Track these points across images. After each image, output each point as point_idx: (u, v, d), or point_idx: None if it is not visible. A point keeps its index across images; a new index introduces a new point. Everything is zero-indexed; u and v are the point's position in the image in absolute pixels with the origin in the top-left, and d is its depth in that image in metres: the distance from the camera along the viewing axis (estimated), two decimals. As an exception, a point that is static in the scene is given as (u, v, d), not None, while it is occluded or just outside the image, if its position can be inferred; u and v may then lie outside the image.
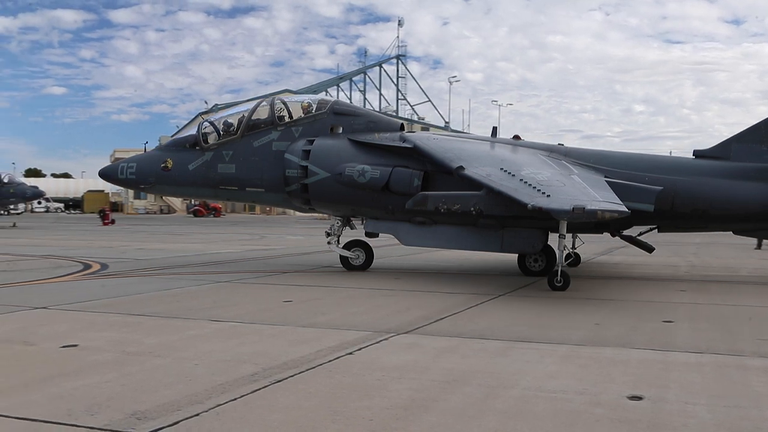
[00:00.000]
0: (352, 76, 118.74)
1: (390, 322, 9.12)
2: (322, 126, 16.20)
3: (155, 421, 4.88)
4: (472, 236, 15.05)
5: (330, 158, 15.53)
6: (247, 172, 16.18)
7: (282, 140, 16.08)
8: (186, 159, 16.46)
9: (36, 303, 10.61)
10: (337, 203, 15.85)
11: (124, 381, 5.99)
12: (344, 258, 16.35)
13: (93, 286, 13.20)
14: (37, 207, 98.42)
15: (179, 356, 7.00)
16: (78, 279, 14.48)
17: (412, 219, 15.19)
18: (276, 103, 16.70)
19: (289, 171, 15.75)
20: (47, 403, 5.32)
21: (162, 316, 9.57)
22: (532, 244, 14.92)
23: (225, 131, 16.53)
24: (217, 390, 5.67)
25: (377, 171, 15.07)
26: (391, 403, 5.37)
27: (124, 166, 17.05)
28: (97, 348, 7.37)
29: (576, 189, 12.41)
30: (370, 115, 16.95)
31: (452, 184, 14.31)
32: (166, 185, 17.01)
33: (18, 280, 14.04)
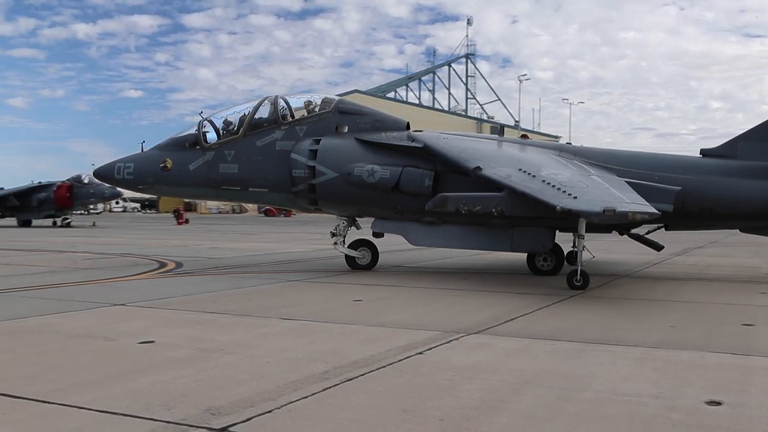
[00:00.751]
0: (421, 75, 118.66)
1: (460, 322, 9.09)
2: (327, 125, 15.98)
3: (229, 417, 4.96)
4: (482, 236, 15.00)
5: (338, 158, 15.36)
6: (250, 171, 15.94)
7: (286, 139, 15.88)
8: (186, 159, 16.19)
9: (115, 300, 10.92)
10: (345, 204, 15.71)
11: (199, 377, 6.11)
12: (350, 258, 16.18)
13: (168, 284, 13.52)
14: (115, 207, 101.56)
15: (252, 354, 7.11)
16: (154, 277, 14.86)
17: (420, 219, 15.10)
18: (278, 101, 16.39)
19: (295, 171, 15.53)
20: (126, 397, 5.46)
21: (235, 314, 9.74)
22: (542, 244, 14.91)
23: (226, 130, 16.28)
24: (289, 387, 5.74)
25: (387, 171, 14.91)
26: (461, 404, 5.35)
27: (120, 166, 16.60)
28: (173, 344, 7.55)
29: (599, 190, 12.27)
30: (375, 114, 16.60)
31: (463, 184, 14.16)
32: (166, 185, 16.67)
33: (98, 277, 14.49)
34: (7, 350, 7.25)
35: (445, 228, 15.05)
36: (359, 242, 16.44)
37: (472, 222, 14.55)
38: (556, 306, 10.84)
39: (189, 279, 14.41)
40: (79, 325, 8.82)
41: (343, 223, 16.18)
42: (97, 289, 12.57)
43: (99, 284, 13.43)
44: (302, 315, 9.64)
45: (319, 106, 16.30)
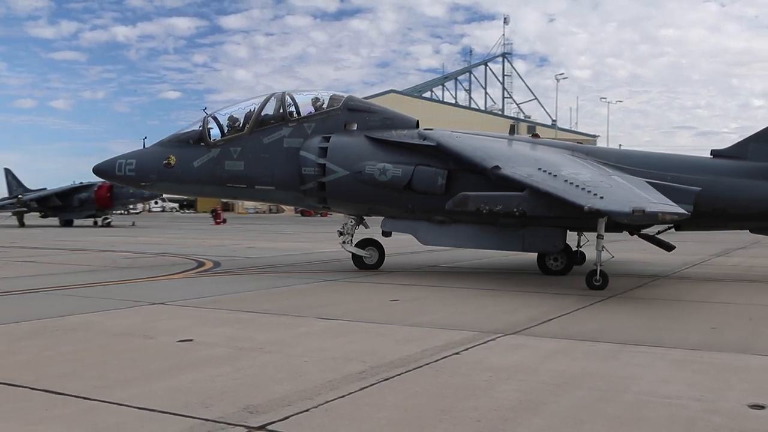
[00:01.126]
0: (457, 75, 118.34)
1: (497, 323, 9.04)
2: (335, 122, 15.77)
3: (267, 415, 4.99)
4: (494, 236, 14.94)
5: (348, 156, 15.19)
6: (257, 169, 15.73)
7: (294, 137, 15.68)
8: (190, 155, 15.94)
9: (155, 299, 11.05)
10: (355, 202, 15.56)
11: (237, 375, 6.16)
12: (358, 257, 16.07)
13: (207, 283, 13.66)
14: (154, 207, 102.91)
15: (289, 353, 7.14)
16: (193, 276, 15.01)
17: (431, 218, 15.02)
18: (285, 98, 16.14)
19: (305, 169, 15.32)
20: (165, 394, 5.53)
21: (272, 313, 9.80)
22: (553, 243, 14.86)
23: (231, 127, 16.07)
24: (326, 387, 5.76)
25: (399, 169, 14.77)
26: (498, 404, 5.32)
27: (122, 163, 16.30)
28: (211, 343, 7.62)
29: (624, 190, 12.17)
30: (385, 112, 16.37)
31: (476, 183, 14.04)
32: (169, 182, 16.46)
33: (138, 276, 14.69)
34: (50, 347, 7.39)
35: (455, 227, 14.97)
36: (366, 241, 16.35)
37: (484, 221, 14.47)
38: (593, 307, 10.74)
39: (227, 278, 14.53)
40: (120, 323, 8.94)
41: (351, 222, 16.04)
42: (137, 288, 12.74)
43: (139, 283, 13.61)
44: (339, 314, 9.67)
45: (327, 103, 16.09)
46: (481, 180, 13.97)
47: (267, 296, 11.70)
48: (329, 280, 14.22)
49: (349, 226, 15.99)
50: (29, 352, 7.13)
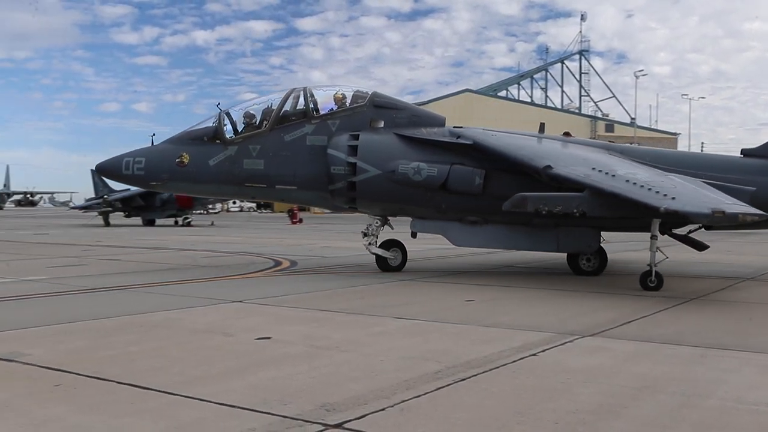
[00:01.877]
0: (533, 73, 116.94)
1: (575, 324, 8.90)
2: (361, 119, 15.22)
3: (343, 414, 5.03)
4: (528, 236, 14.67)
5: (380, 154, 14.69)
6: (278, 168, 15.08)
7: (317, 134, 15.09)
8: (206, 153, 15.20)
9: (234, 297, 11.28)
10: (386, 202, 15.06)
11: (314, 374, 6.23)
12: (382, 259, 15.59)
13: (284, 282, 13.84)
14: (232, 207, 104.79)
15: (365, 352, 7.19)
16: (270, 275, 15.24)
17: (463, 218, 14.73)
18: (307, 94, 15.50)
19: (334, 168, 14.75)
20: (244, 391, 5.63)
21: (348, 312, 9.87)
22: (588, 244, 14.61)
23: (249, 124, 15.41)
24: (402, 386, 5.77)
25: (434, 169, 14.32)
26: (577, 407, 5.24)
27: (129, 161, 15.41)
28: (289, 341, 7.72)
29: (690, 190, 11.78)
30: (412, 109, 15.91)
31: (513, 183, 13.65)
32: (182, 182, 15.56)
33: (217, 275, 15.01)
34: (135, 343, 7.61)
35: (488, 228, 14.71)
36: (390, 243, 15.89)
37: (518, 221, 14.31)
38: (675, 309, 10.46)
39: (303, 277, 14.71)
40: (200, 320, 9.16)
41: (377, 223, 15.57)
42: (217, 287, 13.01)
43: (218, 281, 13.91)
44: (414, 314, 9.68)
45: (351, 99, 15.53)
46: (520, 180, 13.66)
47: (343, 295, 11.79)
48: (405, 279, 14.24)
49: (374, 227, 15.55)
50: (116, 348, 7.37)
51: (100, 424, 4.82)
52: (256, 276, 14.97)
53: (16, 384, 5.85)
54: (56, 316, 9.50)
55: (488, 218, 14.54)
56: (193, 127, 15.64)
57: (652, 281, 12.34)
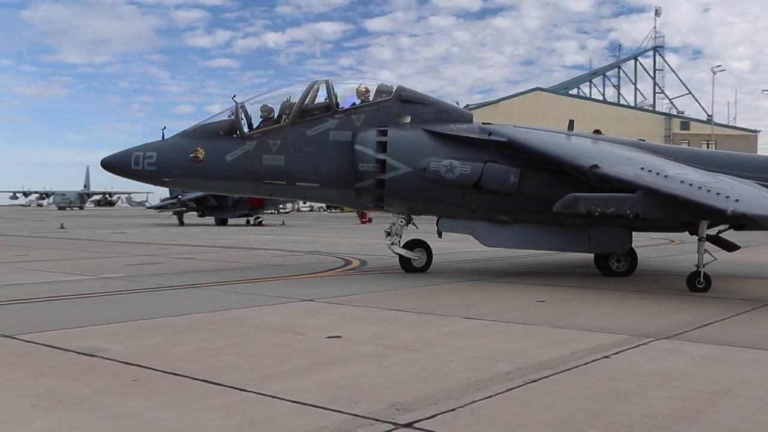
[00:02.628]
0: (605, 71, 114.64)
1: (648, 326, 8.71)
2: (387, 114, 14.64)
3: (413, 413, 5.04)
4: (559, 236, 14.36)
5: (411, 151, 14.21)
6: (299, 164, 14.46)
7: (341, 129, 14.49)
8: (222, 148, 14.43)
9: (304, 296, 11.40)
10: (415, 201, 14.61)
11: (384, 373, 6.26)
12: (406, 259, 15.21)
13: (353, 282, 13.93)
14: (303, 206, 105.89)
15: (435, 351, 7.18)
16: (340, 275, 15.36)
17: (493, 218, 14.37)
18: (330, 87, 14.84)
19: (362, 165, 14.18)
20: (315, 388, 5.69)
21: (418, 311, 9.88)
22: (621, 244, 14.35)
23: (268, 118, 14.73)
24: (473, 387, 5.74)
25: (467, 167, 13.91)
26: (651, 411, 5.12)
27: (139, 156, 14.49)
28: (359, 340, 7.77)
29: (746, 191, 11.36)
30: (440, 104, 15.34)
31: (549, 182, 13.47)
32: (196, 179, 14.82)
33: (288, 274, 15.20)
34: (209, 340, 7.78)
35: (518, 228, 14.39)
36: (414, 243, 15.51)
37: (549, 221, 14.06)
38: (757, 311, 10.13)
39: (373, 277, 14.77)
40: (272, 318, 9.29)
41: (401, 222, 15.13)
42: (288, 285, 13.18)
43: (289, 280, 14.08)
44: (484, 314, 9.62)
45: (375, 93, 14.95)
46: (556, 179, 13.43)
47: (412, 295, 11.80)
48: (474, 279, 14.18)
49: (397, 227, 15.12)
50: (190, 344, 7.54)
51: (176, 418, 4.94)
52: (326, 275, 15.10)
53: (97, 378, 6.04)
54: (134, 312, 9.77)
55: (519, 218, 14.29)
56: (206, 121, 14.97)
57: (701, 282, 12.09)
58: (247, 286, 12.98)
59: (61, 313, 9.85)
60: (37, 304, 10.60)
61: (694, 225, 14.06)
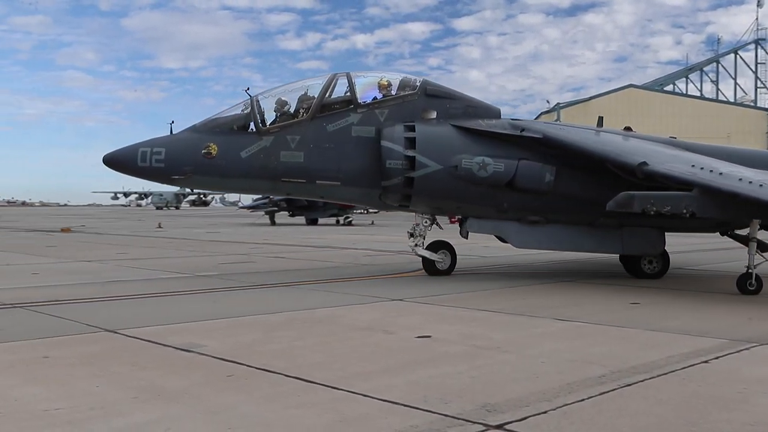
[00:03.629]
0: (702, 66, 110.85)
1: (750, 330, 8.38)
2: (412, 109, 13.98)
3: (504, 415, 4.99)
4: (591, 236, 13.87)
5: (441, 148, 13.57)
6: (320, 161, 13.63)
7: (364, 124, 13.77)
8: (237, 144, 13.57)
9: (393, 295, 11.46)
10: (445, 200, 13.97)
11: (474, 373, 6.22)
12: (429, 262, 14.54)
13: (443, 281, 13.89)
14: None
15: (526, 353, 7.09)
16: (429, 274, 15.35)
17: (523, 218, 13.84)
18: (351, 80, 14.12)
19: (390, 162, 13.43)
20: (405, 387, 5.70)
21: (508, 312, 9.79)
22: (653, 245, 13.88)
23: (285, 112, 13.92)
24: (565, 389, 5.64)
25: (501, 164, 13.38)
26: (755, 419, 4.92)
27: (146, 152, 13.45)
28: (448, 340, 7.75)
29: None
30: (467, 99, 14.60)
31: (584, 180, 13.22)
32: (209, 176, 13.76)
33: (378, 273, 15.30)
34: (300, 338, 7.90)
35: (549, 228, 13.91)
36: (438, 244, 14.88)
37: (581, 221, 13.70)
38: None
39: (461, 277, 14.69)
40: (361, 317, 9.37)
41: (425, 223, 14.50)
42: (377, 285, 13.27)
43: (378, 280, 14.18)
44: (577, 316, 9.45)
45: (398, 86, 14.27)
46: (590, 177, 13.18)
47: (502, 295, 11.70)
48: (566, 280, 13.95)
49: (421, 228, 14.47)
50: (282, 342, 7.68)
51: (270, 414, 5.04)
52: (415, 275, 15.11)
53: (193, 373, 6.23)
54: (227, 310, 10.02)
55: (551, 218, 13.86)
56: (218, 115, 14.02)
57: (752, 284, 11.67)
58: (337, 285, 13.12)
59: (159, 310, 10.18)
60: (137, 300, 11.00)
61: (728, 225, 13.92)
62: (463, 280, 14.12)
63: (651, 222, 13.25)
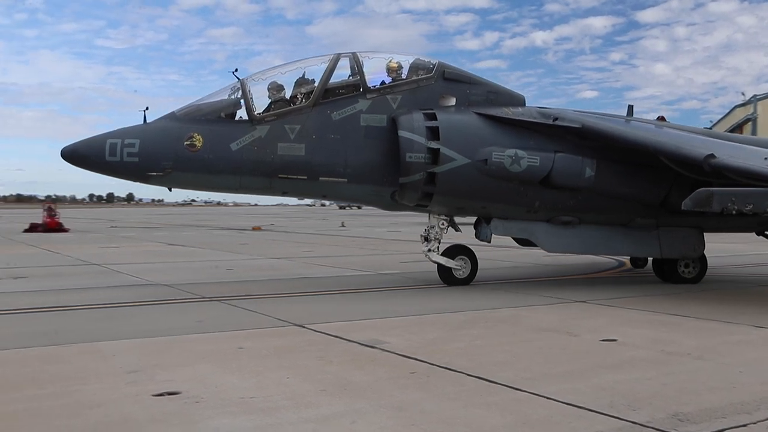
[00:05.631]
0: None
1: None
2: (429, 95, 12.36)
3: (697, 426, 4.72)
4: (627, 238, 12.62)
5: (468, 139, 11.93)
6: (324, 155, 11.93)
7: (374, 112, 12.07)
8: (225, 135, 11.73)
9: (577, 296, 11.23)
10: (469, 199, 12.25)
11: (665, 380, 5.93)
12: (446, 269, 12.74)
13: (627, 283, 13.41)
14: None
15: (721, 361, 6.68)
16: (614, 275, 14.95)
17: (554, 219, 12.39)
18: (358, 61, 12.35)
19: (410, 155, 11.68)
20: (590, 391, 5.54)
21: (700, 317, 9.27)
22: (694, 247, 12.83)
23: (282, 98, 12.13)
24: (767, 401, 5.26)
25: (536, 158, 11.87)
26: None
27: (116, 144, 11.38)
28: (636, 344, 7.45)
29: None
30: (488, 84, 12.98)
31: (622, 175, 12.09)
32: (192, 173, 11.72)
33: (561, 274, 15.03)
34: (482, 337, 7.89)
35: (583, 230, 12.62)
36: (456, 249, 13.07)
37: (616, 221, 12.52)
38: None
39: (649, 278, 14.07)
40: (544, 318, 9.21)
41: (441, 225, 12.70)
42: (560, 285, 13.02)
43: (562, 280, 13.91)
44: (778, 323, 8.79)
45: (410, 69, 12.60)
46: (632, 171, 12.11)
47: (694, 299, 11.09)
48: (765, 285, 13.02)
49: (437, 230, 12.70)
50: (464, 341, 7.69)
51: (452, 412, 5.06)
52: (599, 276, 14.69)
53: (377, 369, 6.37)
54: (410, 307, 10.17)
55: (585, 218, 12.59)
56: (203, 100, 12.17)
57: None
58: (518, 285, 12.99)
59: (344, 306, 10.51)
60: (323, 297, 11.42)
61: None
62: (651, 282, 13.51)
63: (689, 221, 12.33)
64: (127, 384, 5.81)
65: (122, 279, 13.99)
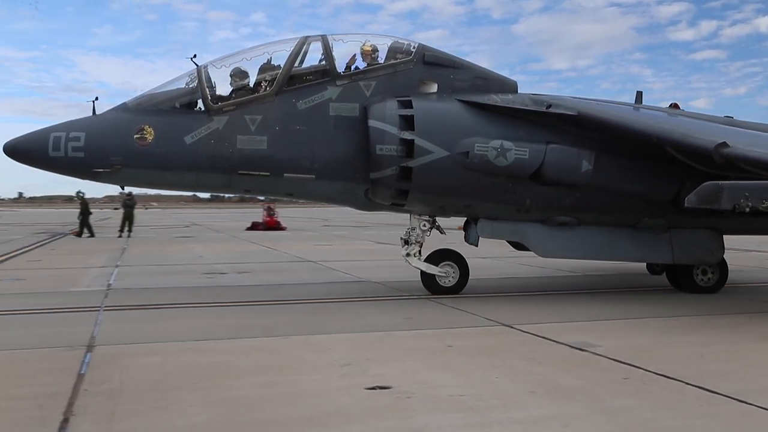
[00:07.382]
0: None
1: None
2: (407, 80, 11.03)
3: None
4: (634, 241, 11.13)
5: (447, 129, 10.58)
6: (288, 148, 10.76)
7: (345, 100, 10.85)
8: (179, 127, 10.70)
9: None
10: (450, 197, 10.89)
11: None
12: (429, 276, 11.36)
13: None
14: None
15: None
16: None
17: (549, 219, 11.02)
18: (328, 44, 11.11)
19: (380, 147, 10.41)
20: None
21: None
22: (712, 251, 11.32)
23: (243, 86, 11.03)
24: None
25: (524, 150, 10.43)
26: None
27: (60, 137, 10.50)
28: None
29: None
30: (475, 68, 11.48)
31: (625, 169, 10.67)
32: (143, 169, 10.79)
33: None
34: (700, 344, 7.48)
35: (582, 231, 11.07)
36: (442, 254, 11.71)
37: (621, 222, 11.12)
38: None
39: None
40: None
41: (423, 226, 11.41)
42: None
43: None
44: None
45: (387, 53, 11.28)
46: (635, 164, 10.67)
47: None
48: None
49: (418, 232, 11.43)
50: (679, 347, 7.37)
51: (669, 421, 4.85)
52: None
53: (588, 372, 6.24)
54: (621, 310, 9.85)
55: (584, 218, 10.98)
56: (156, 90, 11.27)
57: None
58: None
59: (551, 306, 10.27)
60: (530, 297, 11.32)
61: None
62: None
63: (705, 222, 10.84)
64: (341, 377, 6.09)
65: (335, 276, 14.67)
